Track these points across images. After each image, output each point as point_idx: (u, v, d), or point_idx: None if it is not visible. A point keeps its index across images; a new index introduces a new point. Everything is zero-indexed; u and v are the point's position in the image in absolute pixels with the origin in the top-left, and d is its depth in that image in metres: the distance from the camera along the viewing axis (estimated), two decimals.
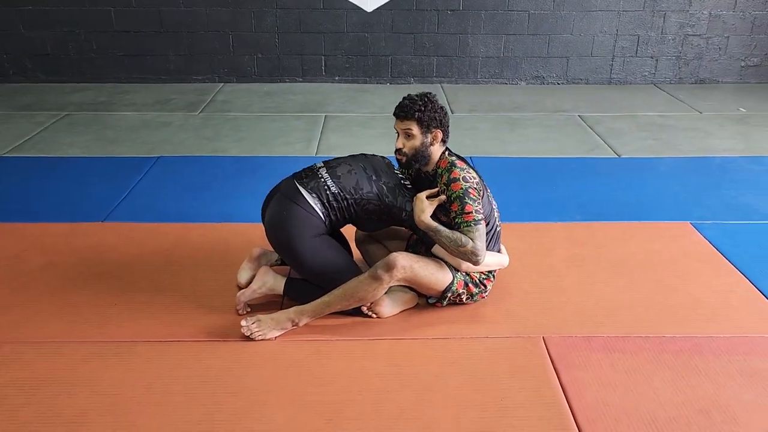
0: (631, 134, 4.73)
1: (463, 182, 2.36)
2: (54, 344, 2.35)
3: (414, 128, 2.41)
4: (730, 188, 3.77)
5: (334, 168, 2.52)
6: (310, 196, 2.44)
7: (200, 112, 5.20)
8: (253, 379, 2.19)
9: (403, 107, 2.42)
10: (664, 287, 2.75)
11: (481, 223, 2.34)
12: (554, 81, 6.07)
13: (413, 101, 2.41)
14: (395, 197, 2.48)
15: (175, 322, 2.49)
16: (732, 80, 6.11)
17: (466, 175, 2.39)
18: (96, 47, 5.84)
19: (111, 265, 2.88)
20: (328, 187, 2.46)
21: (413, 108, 2.39)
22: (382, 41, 5.90)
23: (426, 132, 2.42)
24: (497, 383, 2.18)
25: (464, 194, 2.35)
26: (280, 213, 2.43)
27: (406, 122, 2.42)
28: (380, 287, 2.33)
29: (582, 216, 3.41)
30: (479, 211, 2.35)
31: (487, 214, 2.47)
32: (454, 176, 2.38)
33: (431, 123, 2.41)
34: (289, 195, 2.46)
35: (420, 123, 2.40)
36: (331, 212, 2.46)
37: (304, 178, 2.50)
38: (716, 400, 2.11)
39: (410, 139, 2.43)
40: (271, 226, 2.47)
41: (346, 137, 4.63)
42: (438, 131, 2.44)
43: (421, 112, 2.39)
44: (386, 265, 2.30)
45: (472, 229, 2.33)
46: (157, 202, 3.54)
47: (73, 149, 4.36)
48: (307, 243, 2.41)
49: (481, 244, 2.33)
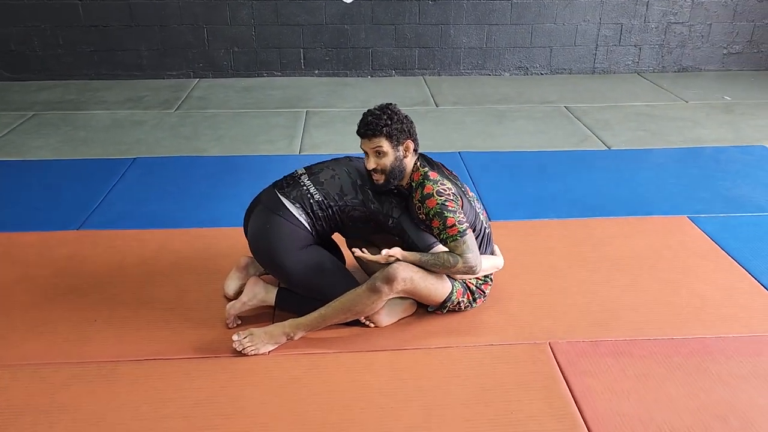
0: (619, 125, 4.67)
1: (438, 197, 2.23)
2: (30, 367, 2.19)
3: (384, 145, 2.25)
4: (724, 179, 3.72)
5: (317, 174, 2.38)
6: (294, 206, 2.30)
7: (176, 109, 5.00)
8: (249, 399, 2.05)
9: (368, 125, 2.25)
10: (667, 285, 2.68)
11: (467, 233, 2.22)
12: (538, 71, 5.99)
13: (377, 117, 2.24)
14: (381, 203, 2.35)
15: (161, 338, 2.34)
16: (715, 68, 6.09)
17: (440, 188, 2.25)
18: (63, 42, 5.59)
19: (89, 278, 2.71)
20: (311, 195, 2.32)
21: (379, 124, 2.23)
22: (362, 33, 5.75)
23: (397, 146, 2.27)
24: (506, 395, 2.08)
25: (442, 209, 2.22)
26: (264, 227, 2.29)
27: (375, 140, 2.25)
28: (379, 300, 2.22)
29: (578, 212, 3.33)
30: (462, 221, 2.22)
31: (472, 220, 2.35)
32: (427, 191, 2.24)
33: (401, 135, 2.27)
34: (271, 207, 2.32)
35: (390, 138, 2.25)
36: (317, 222, 2.33)
37: (285, 188, 2.36)
38: (732, 405, 2.04)
39: (382, 157, 2.27)
40: (256, 240, 2.34)
41: (330, 134, 4.49)
42: (409, 141, 2.30)
43: (389, 126, 2.23)
44: (386, 278, 2.18)
45: (459, 242, 2.21)
46: (136, 208, 3.36)
47: (42, 152, 4.14)
48: (295, 257, 2.28)
49: (473, 254, 2.22)
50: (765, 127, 4.63)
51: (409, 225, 2.32)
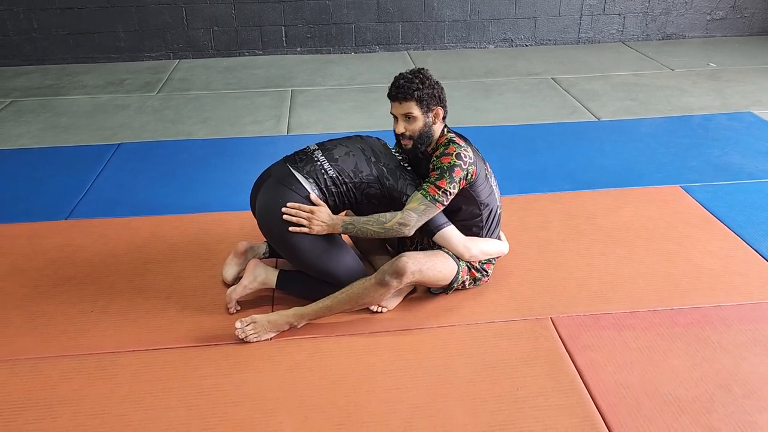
0: (607, 95, 4.65)
1: (455, 158, 2.22)
2: (28, 361, 2.15)
3: (415, 110, 2.23)
4: (714, 147, 3.73)
5: (331, 150, 2.34)
6: (307, 180, 2.26)
7: (158, 92, 4.90)
8: (254, 386, 2.04)
9: (400, 88, 2.23)
10: (663, 256, 2.69)
11: (432, 205, 2.19)
12: (523, 43, 5.94)
13: (409, 81, 2.22)
14: (396, 180, 2.32)
15: (160, 327, 2.31)
16: (698, 35, 6.08)
17: (462, 152, 2.24)
18: (37, 26, 5.43)
19: (82, 268, 2.66)
20: (325, 170, 2.28)
21: (411, 88, 2.21)
22: (344, 8, 5.65)
23: (427, 112, 2.25)
24: (511, 371, 2.08)
25: (447, 168, 2.21)
26: (275, 200, 2.24)
27: (406, 104, 2.23)
28: (387, 293, 2.21)
29: (571, 185, 3.32)
30: (447, 192, 2.20)
31: (486, 197, 2.34)
32: (449, 151, 2.24)
33: (431, 101, 2.25)
34: (282, 180, 2.27)
35: (420, 102, 2.23)
36: (329, 198, 2.29)
37: (298, 162, 2.31)
38: (734, 373, 2.06)
39: (412, 122, 2.26)
40: (265, 214, 2.28)
41: (317, 113, 4.42)
42: (439, 108, 2.28)
43: (420, 91, 2.21)
44: (395, 272, 2.16)
45: (418, 198, 2.20)
46: (124, 194, 3.30)
47: (23, 140, 4.04)
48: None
49: (415, 216, 2.19)
50: (751, 93, 4.64)
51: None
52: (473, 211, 2.36)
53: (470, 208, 2.35)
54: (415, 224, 2.21)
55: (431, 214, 2.22)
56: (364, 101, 4.58)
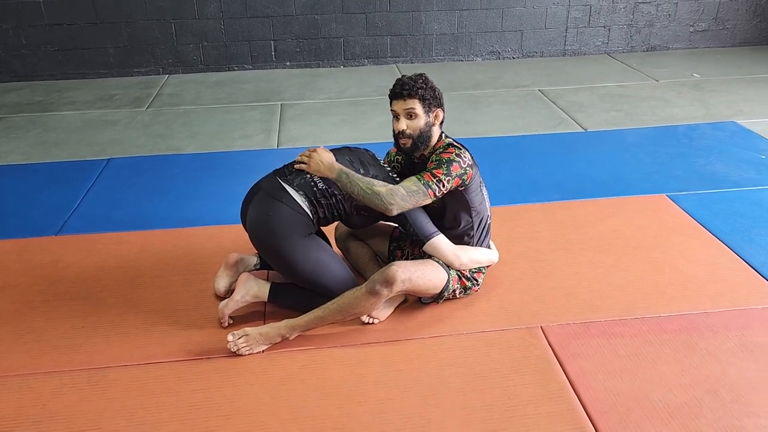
0: (593, 106, 4.71)
1: (455, 156, 2.27)
2: (19, 378, 2.15)
3: (417, 107, 2.28)
4: (699, 156, 3.78)
5: None
6: (297, 193, 2.29)
7: (147, 107, 4.91)
8: (247, 398, 2.04)
9: (404, 85, 2.29)
10: (650, 264, 2.72)
11: (423, 190, 2.22)
12: (510, 55, 6.01)
13: (413, 80, 2.29)
14: None
15: (151, 341, 2.31)
16: (682, 46, 6.18)
17: (462, 153, 2.30)
18: (26, 43, 5.44)
19: (72, 283, 2.66)
20: (315, 183, 2.31)
21: (415, 86, 2.27)
22: (332, 23, 5.70)
23: (428, 111, 2.31)
24: (502, 380, 2.10)
25: (446, 162, 2.25)
26: (266, 213, 2.26)
27: (409, 101, 2.28)
28: (378, 302, 2.22)
29: (559, 195, 3.36)
30: (442, 182, 2.23)
31: (478, 204, 2.38)
32: (450, 151, 2.30)
33: (432, 102, 2.31)
34: (273, 193, 2.29)
35: (423, 101, 2.28)
36: (320, 210, 2.31)
37: (288, 175, 2.34)
38: (722, 379, 2.09)
39: (414, 120, 2.30)
40: (256, 228, 2.30)
41: (307, 126, 4.45)
42: (439, 110, 2.34)
43: (423, 90, 2.28)
44: (385, 280, 2.18)
45: (411, 179, 2.24)
46: (115, 210, 3.30)
47: (13, 156, 4.04)
48: (297, 244, 2.25)
49: (401, 192, 2.20)
50: (734, 103, 4.72)
51: (410, 213, 2.31)
52: (465, 217, 2.39)
53: (462, 214, 2.38)
54: (401, 202, 2.20)
55: (419, 199, 2.23)
56: (353, 114, 4.61)
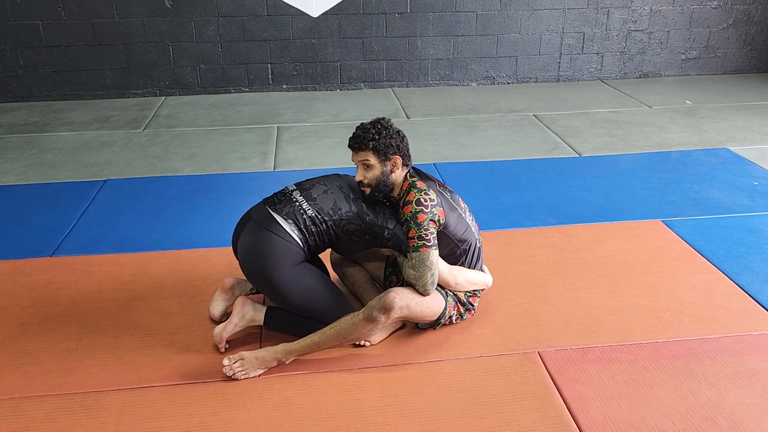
0: (587, 132, 4.76)
1: (415, 206, 2.23)
2: (11, 401, 2.12)
3: (371, 158, 2.29)
4: (693, 182, 3.82)
5: (309, 190, 2.37)
6: (286, 222, 2.29)
7: (144, 128, 4.92)
8: (243, 424, 2.02)
9: (356, 138, 2.31)
10: (646, 289, 2.73)
11: (420, 251, 2.22)
12: (504, 80, 6.07)
13: (366, 130, 2.29)
14: (376, 215, 2.35)
15: (146, 365, 2.29)
16: (674, 73, 6.26)
17: (421, 197, 2.25)
18: (24, 64, 5.46)
19: (67, 305, 2.64)
20: (304, 210, 2.31)
21: (366, 138, 2.28)
22: (329, 47, 5.76)
23: (384, 160, 2.30)
24: (500, 406, 2.09)
25: (411, 218, 2.24)
26: (256, 243, 2.26)
27: (362, 153, 2.30)
28: (375, 328, 2.21)
29: (554, 219, 3.37)
30: (423, 237, 2.22)
31: (462, 234, 2.37)
32: (409, 198, 2.27)
33: (388, 150, 2.29)
34: (262, 223, 2.29)
35: (376, 152, 2.29)
36: (310, 238, 2.31)
37: (277, 204, 2.34)
38: (720, 406, 2.09)
39: (369, 170, 2.31)
40: (247, 258, 2.30)
41: (303, 149, 4.47)
42: (396, 157, 2.32)
43: (376, 141, 2.28)
44: (383, 307, 2.17)
45: (411, 256, 2.24)
46: (110, 231, 3.29)
47: (8, 177, 4.03)
48: (288, 273, 2.25)
49: (421, 271, 2.23)
50: (726, 129, 4.77)
51: (404, 235, 2.31)
52: (453, 249, 2.39)
53: (450, 247, 2.38)
54: (428, 276, 2.24)
55: (428, 259, 2.23)
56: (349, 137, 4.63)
